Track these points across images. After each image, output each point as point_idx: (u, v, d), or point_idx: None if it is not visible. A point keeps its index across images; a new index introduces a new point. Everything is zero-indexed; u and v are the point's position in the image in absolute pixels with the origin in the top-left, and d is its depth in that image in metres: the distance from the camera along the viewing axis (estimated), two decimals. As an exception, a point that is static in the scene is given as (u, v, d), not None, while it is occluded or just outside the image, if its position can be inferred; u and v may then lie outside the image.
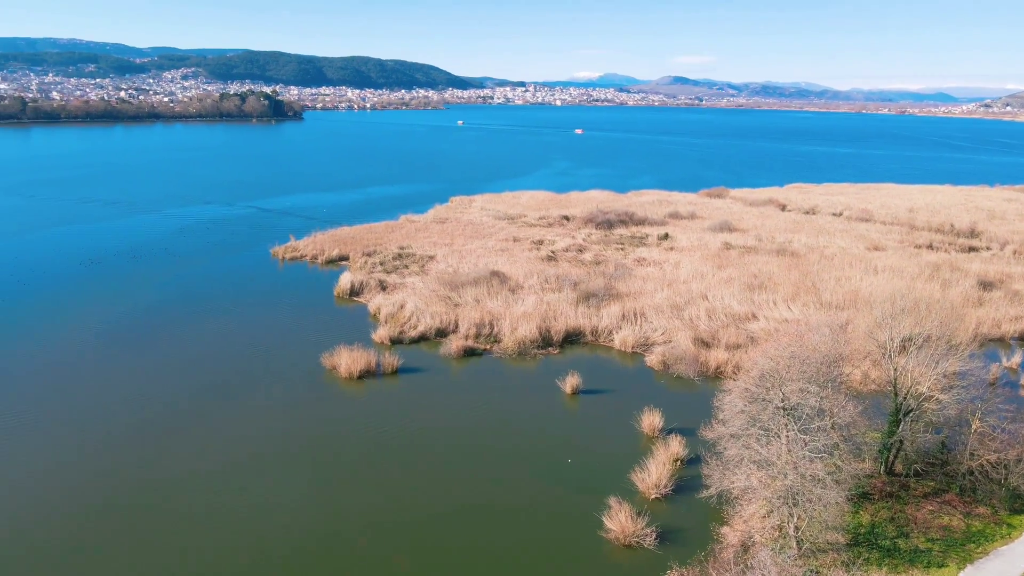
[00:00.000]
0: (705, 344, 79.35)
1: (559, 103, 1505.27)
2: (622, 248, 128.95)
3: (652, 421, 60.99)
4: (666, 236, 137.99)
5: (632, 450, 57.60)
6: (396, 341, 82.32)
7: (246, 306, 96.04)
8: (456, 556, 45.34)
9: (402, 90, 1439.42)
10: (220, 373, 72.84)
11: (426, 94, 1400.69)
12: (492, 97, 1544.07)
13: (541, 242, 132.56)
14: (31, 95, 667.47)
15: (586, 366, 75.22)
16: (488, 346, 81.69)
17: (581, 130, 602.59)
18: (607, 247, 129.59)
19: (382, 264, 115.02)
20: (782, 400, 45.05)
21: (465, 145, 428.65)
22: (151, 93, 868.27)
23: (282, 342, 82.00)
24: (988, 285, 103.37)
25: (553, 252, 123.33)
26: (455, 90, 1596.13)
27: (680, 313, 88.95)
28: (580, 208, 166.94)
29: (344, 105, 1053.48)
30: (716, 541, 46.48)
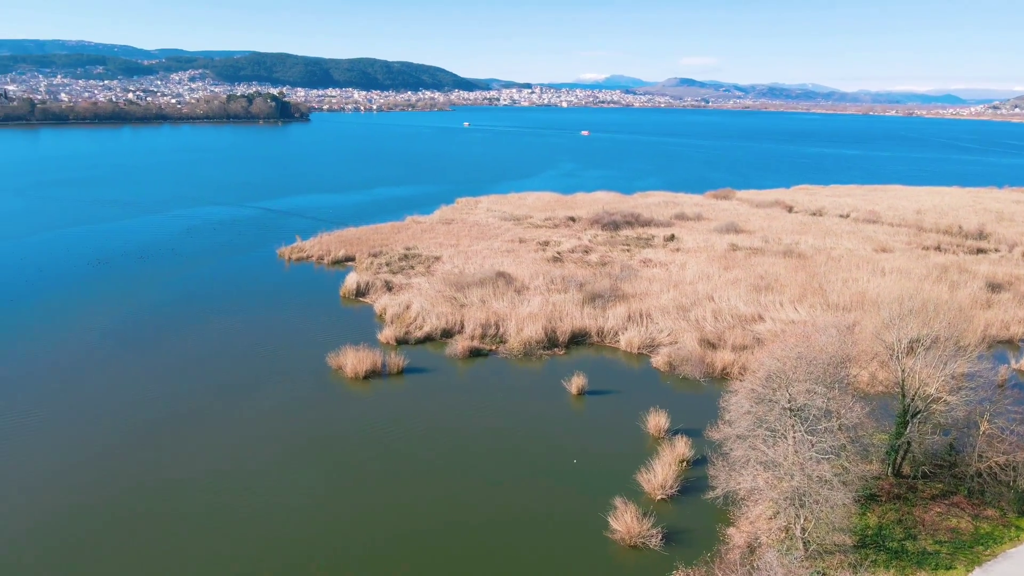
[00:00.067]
0: (711, 345, 79.16)
1: (565, 104, 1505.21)
2: (628, 249, 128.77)
3: (658, 422, 60.87)
4: (672, 237, 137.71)
5: (638, 451, 57.51)
6: (402, 341, 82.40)
7: (252, 306, 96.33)
8: (462, 556, 45.35)
9: (408, 91, 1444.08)
10: (226, 373, 73.07)
11: (432, 95, 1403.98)
12: (498, 99, 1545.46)
13: (547, 243, 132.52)
14: (40, 97, 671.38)
15: (592, 367, 75.12)
16: (494, 347, 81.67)
17: (587, 132, 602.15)
18: (613, 248, 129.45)
19: (388, 265, 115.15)
20: (789, 401, 44.84)
21: (471, 147, 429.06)
22: (159, 95, 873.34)
23: (288, 342, 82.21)
24: (997, 287, 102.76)
25: (559, 253, 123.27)
26: (461, 91, 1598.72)
27: (686, 314, 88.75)
28: (586, 209, 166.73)
29: (350, 106, 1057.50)
30: (722, 542, 46.34)
